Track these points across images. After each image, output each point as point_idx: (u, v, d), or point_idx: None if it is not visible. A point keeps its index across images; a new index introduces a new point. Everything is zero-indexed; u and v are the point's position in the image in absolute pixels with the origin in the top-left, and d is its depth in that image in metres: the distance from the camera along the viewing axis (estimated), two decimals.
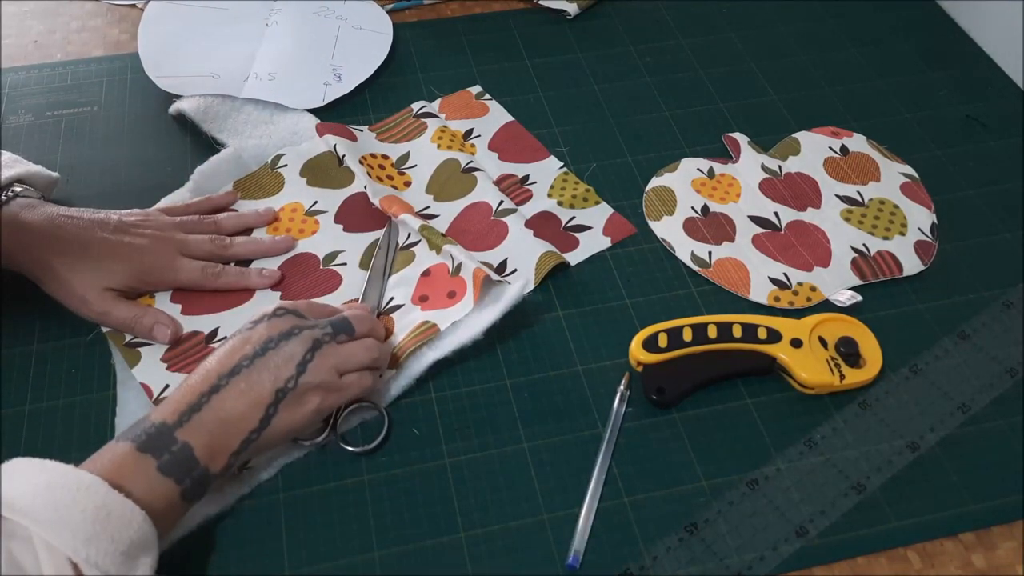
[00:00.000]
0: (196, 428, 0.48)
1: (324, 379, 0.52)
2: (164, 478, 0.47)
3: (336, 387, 0.53)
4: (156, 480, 0.47)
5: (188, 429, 0.48)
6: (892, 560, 0.53)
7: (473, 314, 0.60)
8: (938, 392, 0.60)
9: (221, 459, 0.49)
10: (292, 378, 0.51)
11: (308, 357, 0.52)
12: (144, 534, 0.45)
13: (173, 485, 0.47)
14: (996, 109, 0.79)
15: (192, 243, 0.64)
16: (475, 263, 0.62)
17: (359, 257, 0.66)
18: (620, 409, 0.58)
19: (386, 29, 0.85)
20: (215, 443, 0.49)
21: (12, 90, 0.79)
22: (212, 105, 0.75)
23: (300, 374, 0.51)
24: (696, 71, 0.83)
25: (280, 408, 0.51)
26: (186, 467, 0.48)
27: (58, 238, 0.60)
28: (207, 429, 0.49)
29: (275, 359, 0.51)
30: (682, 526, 0.53)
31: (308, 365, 0.52)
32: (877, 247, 0.68)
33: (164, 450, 0.47)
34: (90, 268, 0.60)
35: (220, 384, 0.50)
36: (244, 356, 0.51)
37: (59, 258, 0.60)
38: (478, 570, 0.52)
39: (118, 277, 0.61)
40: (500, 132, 0.76)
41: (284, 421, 0.51)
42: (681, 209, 0.70)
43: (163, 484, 0.47)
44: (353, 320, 0.56)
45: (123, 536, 0.44)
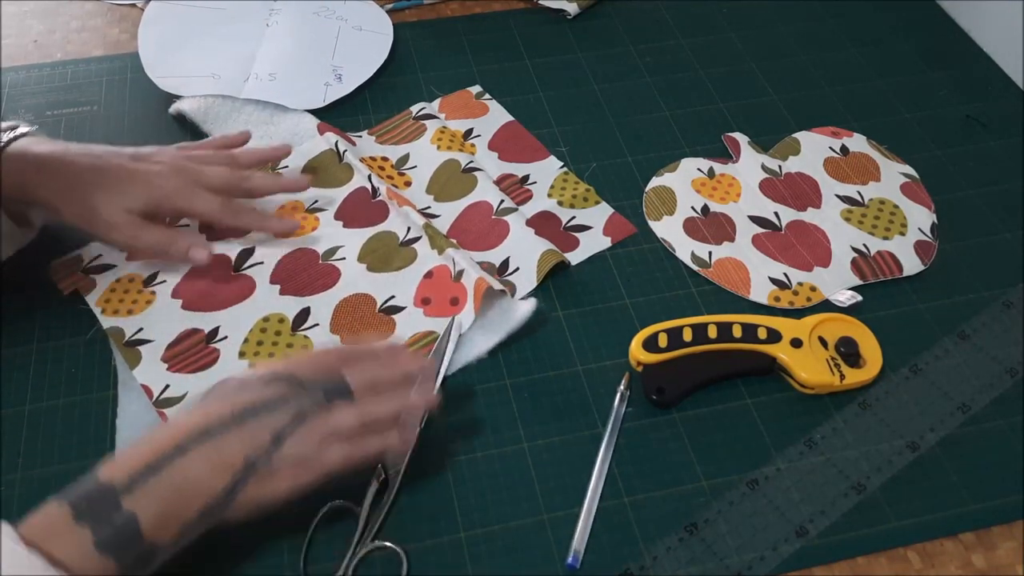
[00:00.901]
0: (146, 496, 0.43)
1: (303, 453, 0.47)
2: (100, 555, 0.42)
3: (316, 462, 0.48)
4: (91, 557, 0.41)
5: (137, 496, 0.43)
6: (892, 560, 0.53)
7: (480, 334, 0.61)
8: (938, 392, 0.60)
9: (171, 530, 0.44)
10: (267, 449, 0.46)
11: (289, 428, 0.47)
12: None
13: (111, 563, 0.42)
14: (996, 109, 0.79)
15: (210, 173, 0.63)
16: (477, 272, 0.62)
17: (357, 252, 0.66)
18: (620, 409, 0.58)
19: (386, 30, 0.85)
20: (167, 512, 0.44)
21: (12, 90, 0.79)
22: (213, 106, 0.75)
23: (277, 444, 0.47)
24: (696, 71, 0.83)
25: (250, 481, 0.46)
26: (127, 543, 0.42)
27: (74, 165, 0.59)
28: (160, 496, 0.44)
29: (252, 427, 0.46)
30: (682, 526, 0.53)
31: (287, 438, 0.47)
32: (877, 247, 0.68)
33: (105, 521, 0.42)
34: (110, 192, 0.59)
35: (186, 446, 0.45)
36: (220, 420, 0.46)
37: (78, 184, 0.59)
38: (478, 570, 0.52)
39: (137, 201, 0.59)
40: (500, 132, 0.76)
41: (251, 496, 0.46)
42: (681, 209, 0.70)
43: (99, 561, 0.41)
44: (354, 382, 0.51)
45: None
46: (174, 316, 0.62)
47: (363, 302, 0.63)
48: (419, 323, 0.62)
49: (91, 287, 0.64)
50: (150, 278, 0.64)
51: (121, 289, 0.64)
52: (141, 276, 0.65)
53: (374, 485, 0.53)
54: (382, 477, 0.53)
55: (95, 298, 0.63)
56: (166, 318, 0.62)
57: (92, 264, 0.65)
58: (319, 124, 0.74)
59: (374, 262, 0.66)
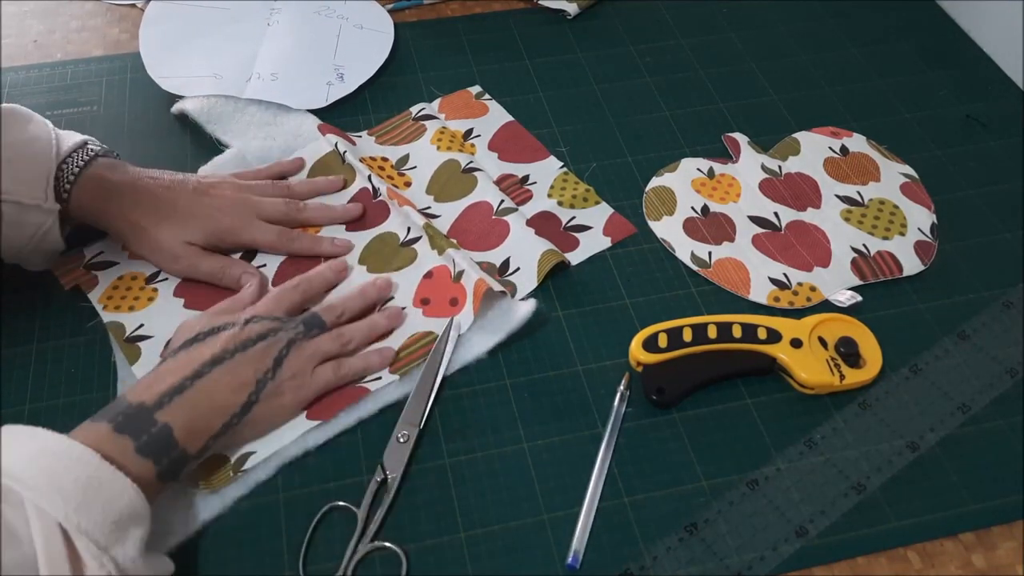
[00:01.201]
0: (177, 410, 0.50)
1: (297, 371, 0.56)
2: (142, 459, 0.48)
3: (310, 380, 0.56)
4: (133, 460, 0.47)
5: (168, 411, 0.50)
6: (892, 560, 0.53)
7: (479, 335, 0.61)
8: (938, 392, 0.60)
9: (199, 441, 0.51)
10: (270, 370, 0.55)
11: (284, 352, 0.56)
12: (135, 507, 0.45)
13: (151, 465, 0.48)
14: (996, 109, 0.79)
15: (267, 206, 0.66)
16: (477, 273, 0.62)
17: (359, 254, 0.67)
18: (620, 409, 0.58)
19: (387, 28, 0.85)
20: (195, 425, 0.51)
21: (12, 90, 0.79)
22: (215, 106, 0.75)
23: (277, 367, 0.55)
24: (696, 71, 0.83)
25: (260, 397, 0.54)
26: (164, 448, 0.49)
27: (143, 197, 0.63)
28: (188, 411, 0.50)
29: (255, 353, 0.54)
30: (682, 526, 0.53)
31: (284, 360, 0.55)
32: (877, 247, 0.68)
33: (143, 431, 0.48)
34: (175, 225, 0.63)
35: (203, 371, 0.52)
36: (225, 350, 0.54)
37: (146, 216, 0.62)
38: (478, 570, 0.52)
39: (199, 235, 0.63)
40: (500, 132, 0.76)
41: (263, 410, 0.54)
42: (681, 209, 0.70)
43: (140, 464, 0.48)
44: (322, 313, 0.59)
45: (113, 507, 0.44)
46: (175, 314, 0.62)
47: None
48: (418, 323, 0.62)
49: (93, 284, 0.64)
50: (152, 276, 0.65)
51: (123, 286, 0.64)
52: (143, 274, 0.65)
53: (373, 485, 0.54)
54: (381, 477, 0.54)
55: (97, 295, 0.63)
56: (167, 316, 0.62)
57: (94, 260, 0.65)
58: (320, 125, 0.74)
59: (375, 264, 0.66)
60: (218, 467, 0.54)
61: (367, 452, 0.56)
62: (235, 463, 0.54)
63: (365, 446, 0.57)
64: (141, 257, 0.65)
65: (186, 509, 0.53)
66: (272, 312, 0.58)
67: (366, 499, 0.53)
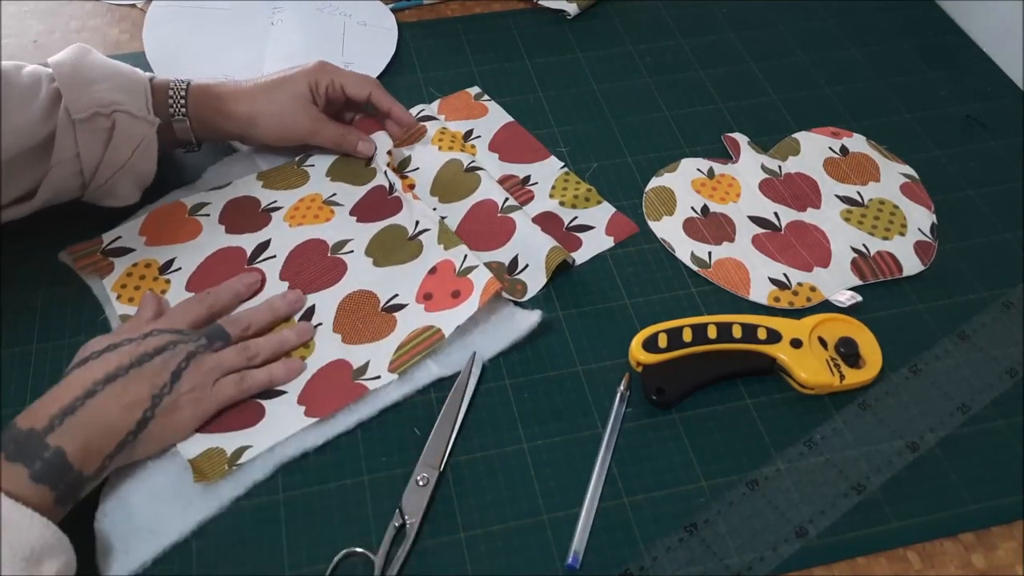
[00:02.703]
0: (68, 432, 0.49)
1: (196, 384, 0.54)
2: (38, 486, 0.47)
3: (210, 394, 0.55)
4: (29, 488, 0.46)
5: (60, 434, 0.48)
6: (892, 560, 0.53)
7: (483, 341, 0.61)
8: (938, 392, 0.60)
9: (95, 462, 0.50)
10: (167, 384, 0.53)
11: (183, 366, 0.54)
12: (45, 539, 0.45)
13: (47, 491, 0.47)
14: (996, 109, 0.79)
15: None
16: (490, 274, 0.62)
17: (366, 245, 0.67)
18: (620, 409, 0.58)
19: (390, 24, 0.86)
20: (89, 446, 0.49)
21: None
22: None
23: (175, 380, 0.53)
24: (696, 71, 0.83)
25: (156, 413, 0.52)
26: (59, 472, 0.48)
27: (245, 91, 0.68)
28: (80, 432, 0.49)
29: (150, 368, 0.53)
30: (682, 526, 0.53)
31: (183, 373, 0.54)
32: (877, 247, 0.68)
33: (35, 457, 0.47)
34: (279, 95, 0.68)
35: (95, 390, 0.51)
36: (119, 366, 0.52)
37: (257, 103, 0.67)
38: (478, 570, 0.52)
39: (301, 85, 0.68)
40: (500, 133, 0.76)
41: (159, 426, 0.53)
42: (681, 209, 0.70)
43: (36, 492, 0.47)
44: (227, 325, 0.59)
45: (22, 544, 0.44)
46: None
47: (366, 300, 0.63)
48: (419, 319, 0.62)
49: (109, 270, 0.64)
50: (166, 265, 0.65)
51: (137, 275, 0.64)
52: (157, 262, 0.65)
53: (391, 530, 0.52)
54: (399, 523, 0.52)
55: (111, 282, 0.63)
56: None
57: (111, 247, 0.65)
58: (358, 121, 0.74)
59: (380, 256, 0.66)
60: (214, 461, 0.54)
61: (367, 452, 0.56)
62: (231, 456, 0.54)
63: (365, 446, 0.57)
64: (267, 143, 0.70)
65: (182, 509, 0.53)
66: (175, 325, 0.57)
67: (383, 546, 0.51)
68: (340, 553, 0.51)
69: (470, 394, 0.58)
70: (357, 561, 0.52)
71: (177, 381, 0.53)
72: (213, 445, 0.55)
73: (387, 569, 0.51)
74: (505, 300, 0.63)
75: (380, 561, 0.51)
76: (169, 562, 0.51)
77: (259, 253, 0.66)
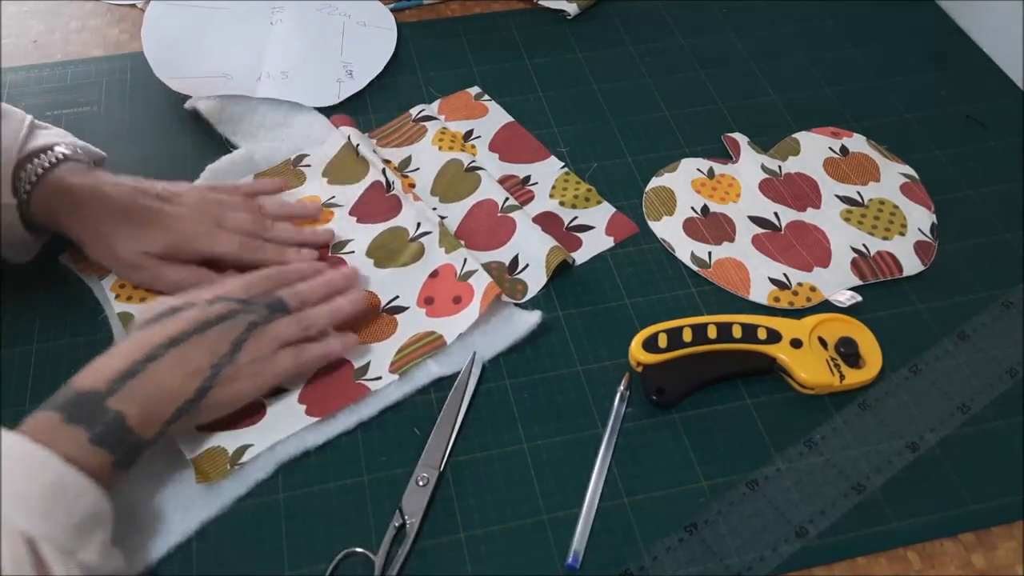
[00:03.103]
0: (128, 396, 0.49)
1: (256, 356, 0.54)
2: (97, 449, 0.47)
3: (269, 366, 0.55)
4: (88, 451, 0.46)
5: (120, 397, 0.48)
6: (892, 560, 0.53)
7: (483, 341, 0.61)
8: (938, 392, 0.60)
9: (154, 427, 0.50)
10: (227, 355, 0.53)
11: (243, 336, 0.54)
12: (97, 509, 0.45)
13: (106, 455, 0.47)
14: (996, 109, 0.79)
15: (232, 218, 0.64)
16: (489, 278, 0.62)
17: (367, 247, 0.67)
18: (620, 409, 0.58)
19: (390, 24, 0.86)
20: (148, 412, 0.49)
21: (12, 90, 0.79)
22: (228, 106, 0.75)
23: (235, 352, 0.53)
24: (696, 71, 0.83)
25: (215, 382, 0.52)
26: (118, 436, 0.48)
27: (103, 203, 0.60)
28: (140, 397, 0.49)
29: (212, 336, 0.53)
30: (682, 526, 0.53)
31: (243, 344, 0.54)
32: (877, 247, 0.68)
33: (96, 421, 0.47)
34: (132, 234, 0.61)
35: (156, 353, 0.50)
36: (182, 331, 0.52)
37: (103, 224, 0.60)
38: (478, 570, 0.52)
39: (158, 243, 0.61)
40: (500, 133, 0.76)
41: (219, 395, 0.52)
42: (681, 209, 0.70)
43: (96, 455, 0.47)
44: (287, 297, 0.58)
45: (76, 511, 0.44)
46: None
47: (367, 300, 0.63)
48: (420, 323, 0.62)
49: (107, 271, 0.64)
50: None
51: None
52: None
53: (391, 530, 0.52)
54: (399, 523, 0.52)
55: (110, 283, 0.63)
56: None
57: None
58: (333, 116, 0.75)
59: (381, 258, 0.66)
60: (215, 461, 0.54)
61: (367, 452, 0.56)
62: (233, 455, 0.54)
63: (365, 446, 0.57)
64: (103, 266, 0.63)
65: (185, 509, 0.53)
66: (237, 294, 0.56)
67: (383, 546, 0.51)
68: (340, 553, 0.51)
69: (470, 394, 0.58)
70: (357, 561, 0.52)
71: (238, 351, 0.53)
72: (215, 444, 0.55)
73: (387, 569, 0.51)
74: (506, 300, 0.63)
75: (380, 561, 0.51)
76: (169, 562, 0.51)
77: None
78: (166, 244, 0.61)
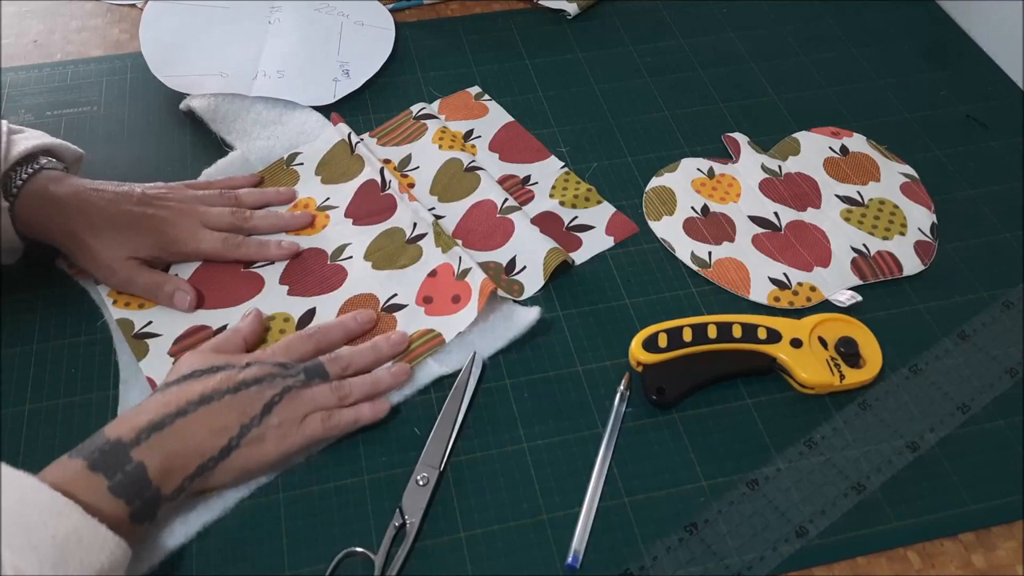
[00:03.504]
0: (153, 448, 0.48)
1: (285, 419, 0.53)
2: (115, 499, 0.46)
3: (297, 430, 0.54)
4: (106, 500, 0.46)
5: (144, 448, 0.48)
6: (892, 560, 0.53)
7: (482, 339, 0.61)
8: (938, 392, 0.60)
9: (175, 481, 0.49)
10: (257, 416, 0.52)
11: (276, 400, 0.53)
12: (114, 559, 0.44)
13: (123, 506, 0.47)
14: (996, 109, 0.79)
15: (213, 215, 0.65)
16: (484, 275, 0.62)
17: (364, 250, 0.67)
18: (620, 409, 0.58)
19: (387, 24, 0.86)
20: (171, 465, 0.49)
21: (12, 90, 0.79)
22: (222, 104, 0.75)
23: (265, 414, 0.53)
24: (696, 71, 0.83)
25: (242, 443, 0.52)
26: (138, 488, 0.47)
27: (85, 211, 0.61)
28: (165, 450, 0.49)
29: (244, 397, 0.52)
30: (682, 526, 0.53)
31: (275, 407, 0.53)
32: (877, 247, 0.68)
33: (117, 469, 0.47)
34: (115, 239, 0.61)
35: (187, 409, 0.51)
36: (216, 390, 0.52)
37: (86, 230, 0.61)
38: (478, 570, 0.52)
39: (142, 247, 0.62)
40: (500, 132, 0.76)
41: (243, 457, 0.52)
42: (681, 209, 0.70)
43: (113, 504, 0.46)
44: (327, 363, 0.57)
45: (92, 562, 0.43)
46: (183, 314, 0.62)
47: (367, 302, 0.64)
48: (419, 322, 0.62)
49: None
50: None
51: None
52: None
53: (391, 530, 0.52)
54: (400, 522, 0.52)
55: (107, 288, 0.63)
56: (175, 315, 0.62)
57: None
58: (333, 114, 0.75)
59: (380, 260, 0.66)
60: None
61: (367, 452, 0.56)
62: None
63: (365, 446, 0.57)
64: (86, 271, 0.63)
65: (187, 510, 0.53)
66: (277, 358, 0.56)
67: (383, 546, 0.51)
68: (340, 553, 0.51)
69: (470, 394, 0.58)
70: (357, 561, 0.52)
71: (268, 414, 0.52)
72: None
73: (387, 569, 0.51)
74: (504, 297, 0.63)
75: (380, 561, 0.51)
76: (169, 562, 0.51)
77: None
78: (151, 248, 0.62)
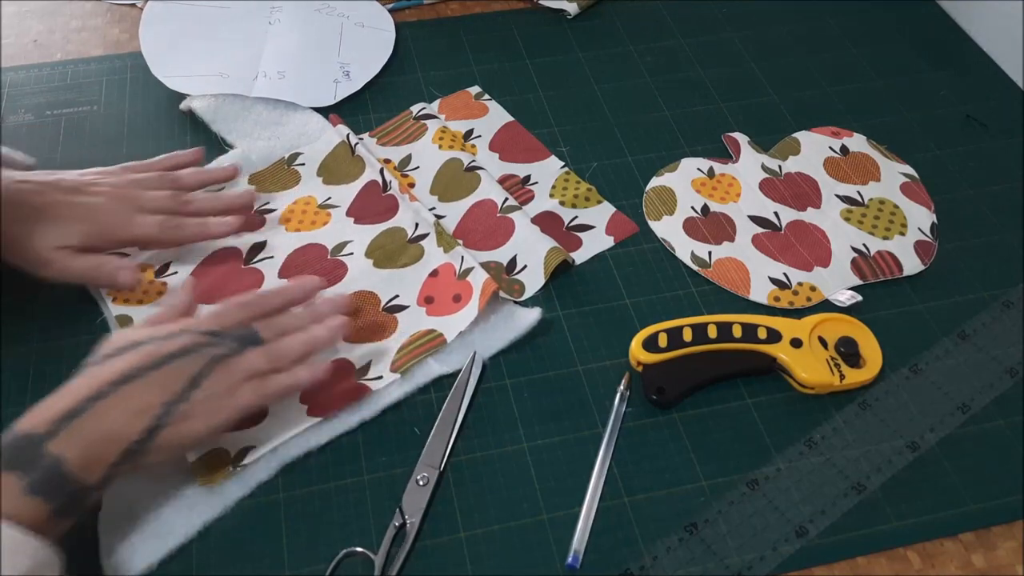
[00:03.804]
0: (71, 438, 0.45)
1: (214, 393, 0.49)
2: (32, 498, 0.43)
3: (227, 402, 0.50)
4: (22, 501, 0.43)
5: (61, 440, 0.45)
6: (892, 560, 0.53)
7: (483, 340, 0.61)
8: (938, 392, 0.60)
9: (98, 471, 0.46)
10: (182, 392, 0.48)
11: (204, 372, 0.49)
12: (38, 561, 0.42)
13: (43, 504, 0.43)
14: (996, 109, 0.79)
15: (149, 199, 0.62)
16: (486, 274, 0.62)
17: (366, 247, 0.67)
18: (620, 409, 0.58)
19: (388, 26, 0.86)
20: (91, 454, 0.45)
21: (12, 89, 0.79)
22: (223, 105, 0.75)
23: (192, 388, 0.49)
24: (696, 71, 0.83)
25: (168, 422, 0.48)
26: (57, 483, 0.44)
27: (13, 204, 0.58)
28: (83, 439, 0.45)
29: (167, 372, 0.48)
30: (682, 526, 0.53)
31: (202, 380, 0.49)
32: (877, 247, 0.68)
33: (32, 466, 0.44)
34: (42, 230, 0.58)
35: (105, 392, 0.47)
36: (135, 367, 0.48)
37: (15, 224, 0.58)
38: (478, 570, 0.52)
39: (71, 236, 0.59)
40: (500, 132, 0.76)
41: (171, 435, 0.48)
42: (681, 209, 0.70)
43: (31, 504, 0.43)
44: (262, 329, 0.54)
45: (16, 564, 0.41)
46: None
47: (367, 300, 0.64)
48: (420, 322, 0.62)
49: None
50: (161, 269, 0.65)
51: None
52: (153, 267, 0.65)
53: (391, 530, 0.52)
54: (400, 522, 0.52)
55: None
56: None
57: None
58: (332, 116, 0.75)
59: (381, 258, 0.66)
60: (217, 462, 0.54)
61: (367, 452, 0.56)
62: (235, 457, 0.54)
63: (365, 446, 0.57)
64: (18, 268, 0.59)
65: (188, 510, 0.53)
66: (209, 326, 0.52)
67: (383, 546, 0.51)
68: (340, 553, 0.51)
69: (470, 394, 0.58)
70: (357, 561, 0.52)
71: (196, 388, 0.49)
72: (216, 445, 0.55)
73: (387, 569, 0.51)
74: (505, 298, 0.63)
75: (380, 561, 0.51)
76: (170, 562, 0.51)
77: (255, 253, 0.66)
78: (83, 236, 0.59)
